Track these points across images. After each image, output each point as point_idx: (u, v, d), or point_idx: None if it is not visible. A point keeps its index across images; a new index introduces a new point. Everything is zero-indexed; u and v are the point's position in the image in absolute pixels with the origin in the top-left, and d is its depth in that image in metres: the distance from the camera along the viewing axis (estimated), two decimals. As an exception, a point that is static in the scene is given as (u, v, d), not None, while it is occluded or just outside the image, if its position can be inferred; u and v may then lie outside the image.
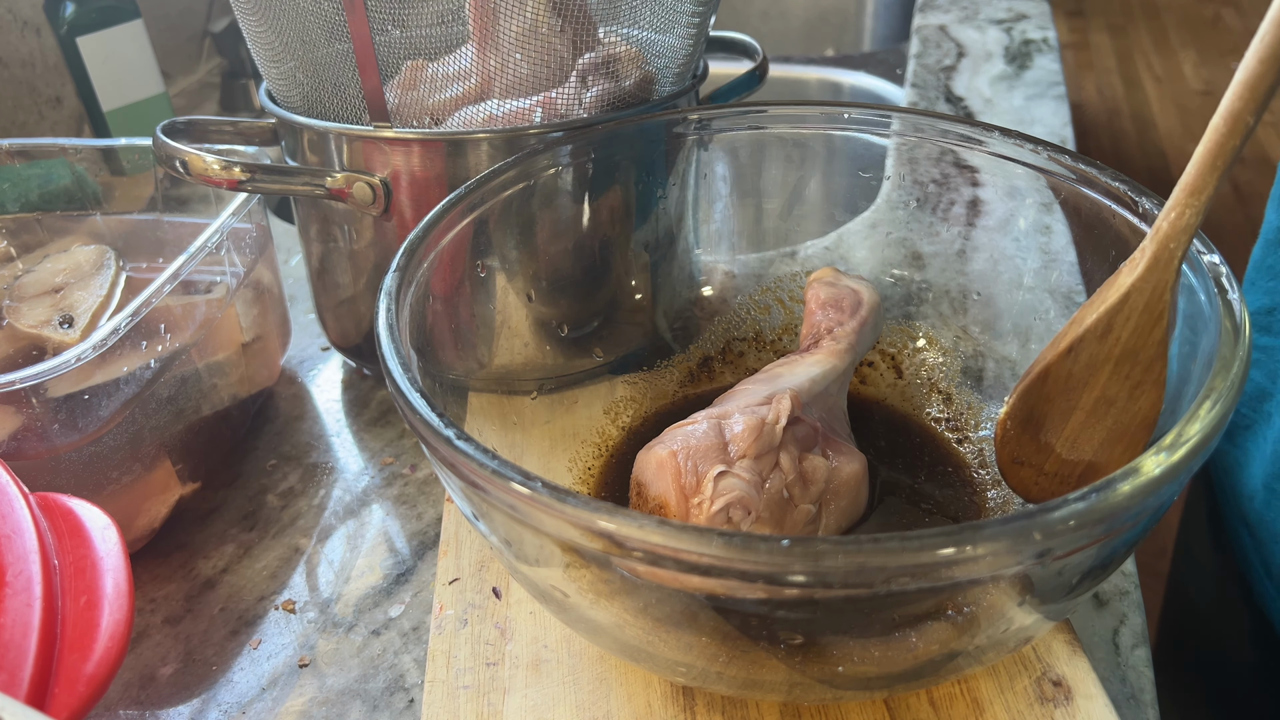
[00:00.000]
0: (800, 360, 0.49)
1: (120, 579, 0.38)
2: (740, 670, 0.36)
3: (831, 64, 1.16)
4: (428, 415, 0.33)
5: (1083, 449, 0.41)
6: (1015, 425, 0.42)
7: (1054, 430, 0.41)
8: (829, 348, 0.50)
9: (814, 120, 0.55)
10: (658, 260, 0.59)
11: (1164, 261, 0.36)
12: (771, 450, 0.42)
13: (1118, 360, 0.38)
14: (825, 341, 0.50)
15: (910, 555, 0.28)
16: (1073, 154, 0.47)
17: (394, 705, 0.44)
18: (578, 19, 0.53)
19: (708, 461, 0.41)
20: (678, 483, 0.40)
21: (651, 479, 0.42)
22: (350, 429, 0.61)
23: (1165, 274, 0.36)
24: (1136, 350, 0.38)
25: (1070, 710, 0.40)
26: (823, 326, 0.51)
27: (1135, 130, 2.83)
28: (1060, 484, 0.42)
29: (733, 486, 0.40)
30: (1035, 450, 0.42)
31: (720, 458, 0.41)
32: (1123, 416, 0.39)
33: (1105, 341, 0.38)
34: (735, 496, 0.40)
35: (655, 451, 0.42)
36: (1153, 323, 0.37)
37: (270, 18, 0.53)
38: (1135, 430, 0.39)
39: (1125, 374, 0.38)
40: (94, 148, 0.65)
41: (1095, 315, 0.38)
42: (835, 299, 0.52)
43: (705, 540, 0.28)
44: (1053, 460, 0.42)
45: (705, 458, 0.41)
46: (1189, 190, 0.34)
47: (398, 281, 0.41)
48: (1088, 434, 0.40)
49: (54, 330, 0.55)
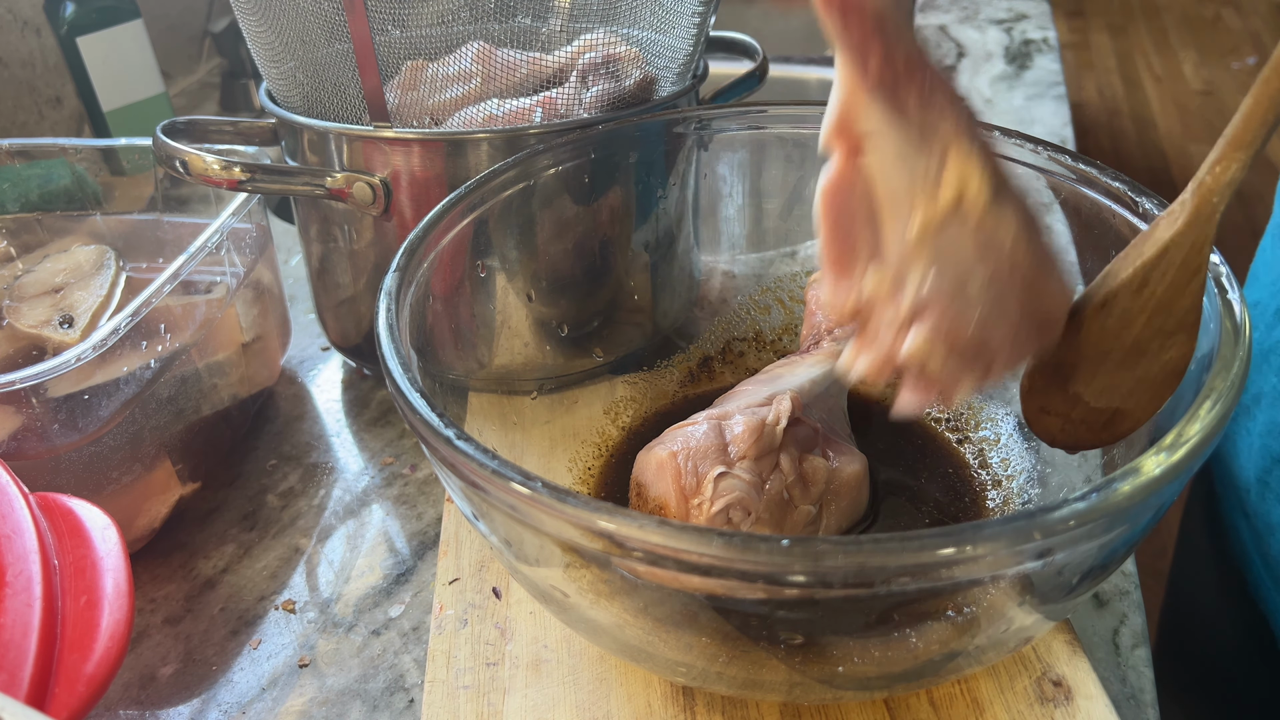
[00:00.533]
0: (800, 361, 0.49)
1: (120, 579, 0.38)
2: (741, 670, 0.36)
3: (831, 64, 1.16)
4: (428, 415, 0.33)
5: (1111, 397, 0.40)
6: (1044, 377, 0.42)
7: (1084, 381, 0.40)
8: (830, 349, 0.50)
9: (814, 120, 0.55)
10: (658, 260, 0.59)
11: (1205, 216, 0.35)
12: (772, 451, 0.42)
13: (1152, 312, 0.38)
14: (826, 343, 0.51)
15: (910, 555, 0.28)
16: (1073, 154, 0.47)
17: (394, 705, 0.44)
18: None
19: (708, 462, 0.41)
20: (678, 483, 0.40)
21: (652, 480, 0.42)
22: (350, 429, 0.61)
23: (1206, 228, 0.35)
24: (1171, 302, 0.37)
25: (1070, 710, 0.40)
26: (823, 328, 0.51)
27: (1135, 130, 2.83)
28: (1087, 430, 0.41)
29: (733, 488, 0.40)
30: (1063, 400, 0.41)
31: (720, 459, 0.41)
32: (1152, 366, 0.38)
33: (1140, 295, 0.38)
34: (735, 498, 0.40)
35: (655, 452, 0.42)
36: (1190, 276, 0.36)
37: (270, 18, 0.53)
38: (1165, 378, 0.38)
39: (1159, 325, 0.38)
40: (94, 148, 0.65)
41: (1131, 269, 0.37)
42: None
43: (705, 540, 0.28)
44: (1080, 408, 0.41)
45: (705, 458, 0.41)
46: (1234, 144, 0.34)
47: (398, 281, 0.41)
48: (1117, 382, 0.39)
49: (54, 330, 0.55)
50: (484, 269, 0.51)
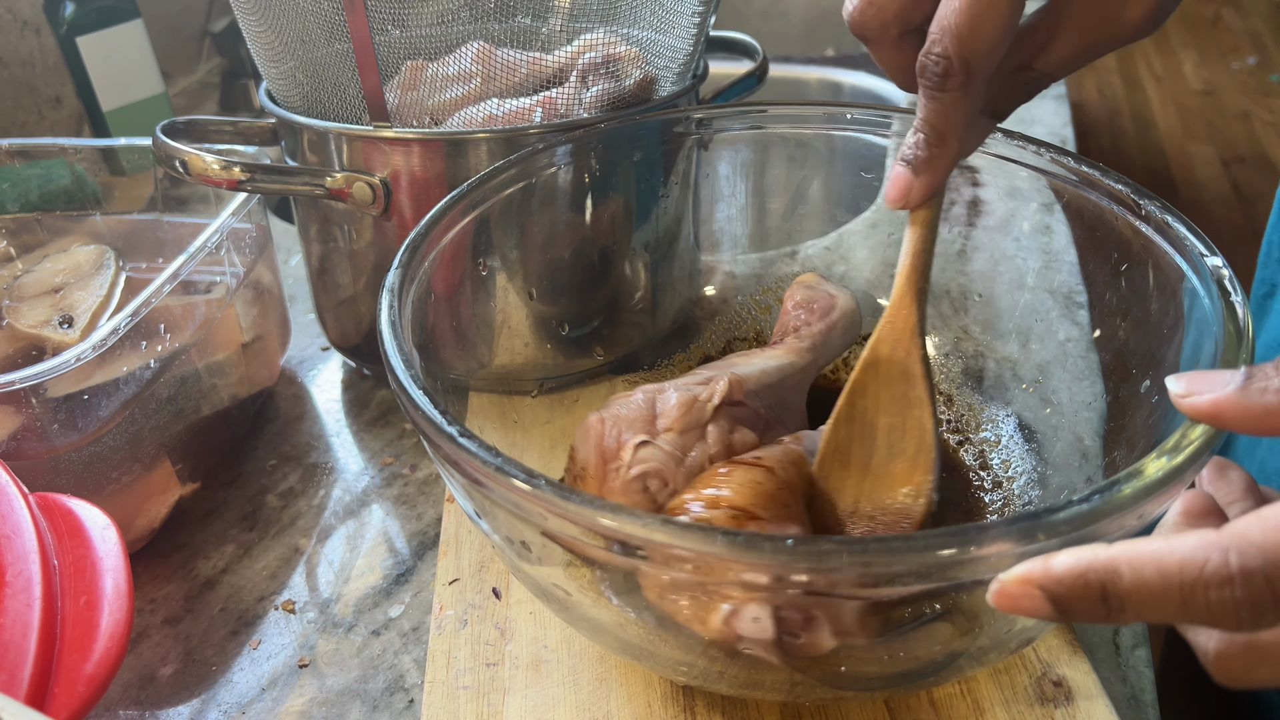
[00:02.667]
0: (759, 353, 0.50)
1: (120, 579, 0.38)
2: (741, 669, 0.36)
3: (831, 64, 1.16)
4: (431, 412, 0.33)
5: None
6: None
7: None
8: (790, 344, 0.51)
9: (815, 120, 0.55)
10: (658, 260, 0.59)
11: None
12: (699, 426, 0.42)
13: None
14: (789, 339, 0.51)
15: (915, 556, 0.28)
16: (1075, 156, 0.47)
17: (394, 705, 0.44)
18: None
19: (632, 430, 0.41)
20: (599, 447, 0.41)
21: (579, 443, 0.43)
22: (350, 429, 0.61)
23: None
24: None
25: (1070, 711, 0.40)
26: (790, 325, 0.52)
27: (1135, 130, 2.83)
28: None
29: (651, 456, 0.41)
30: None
31: (646, 429, 0.41)
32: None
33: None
34: (651, 467, 0.40)
35: (588, 417, 0.43)
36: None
37: (270, 18, 0.53)
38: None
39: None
40: (94, 148, 0.64)
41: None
42: (809, 301, 0.53)
43: (708, 539, 0.28)
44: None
45: (631, 427, 0.41)
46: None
47: (400, 278, 0.40)
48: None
49: (54, 330, 0.55)
50: (485, 268, 0.51)
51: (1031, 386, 0.52)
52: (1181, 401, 0.30)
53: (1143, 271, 0.43)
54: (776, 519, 0.38)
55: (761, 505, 0.38)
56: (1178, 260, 0.41)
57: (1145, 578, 0.25)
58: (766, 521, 0.38)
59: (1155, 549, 0.25)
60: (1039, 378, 0.52)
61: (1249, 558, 0.24)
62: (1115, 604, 0.25)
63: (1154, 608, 0.25)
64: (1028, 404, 0.52)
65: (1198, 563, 0.24)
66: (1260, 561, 0.24)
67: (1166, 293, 0.41)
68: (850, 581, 0.29)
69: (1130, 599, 0.25)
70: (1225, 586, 0.24)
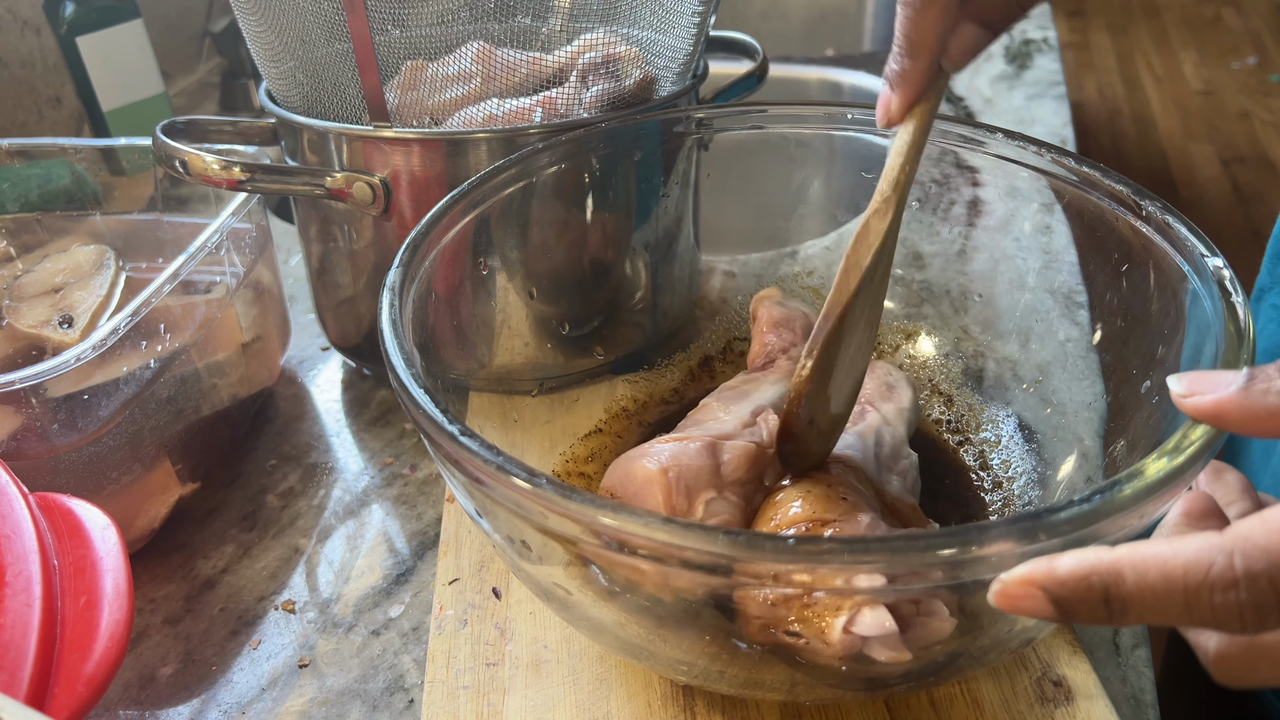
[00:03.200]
0: (763, 378, 0.50)
1: (120, 579, 0.38)
2: (742, 669, 0.36)
3: (831, 64, 1.16)
4: (432, 411, 0.33)
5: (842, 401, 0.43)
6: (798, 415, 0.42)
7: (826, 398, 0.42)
8: (785, 366, 0.51)
9: (815, 120, 0.55)
10: (658, 260, 0.59)
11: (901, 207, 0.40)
12: (760, 474, 0.43)
13: (873, 303, 0.41)
14: (781, 360, 0.52)
15: (917, 556, 0.28)
16: (1075, 156, 0.47)
17: (394, 705, 0.44)
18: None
19: (700, 483, 0.41)
20: (669, 502, 0.40)
21: (636, 492, 0.41)
22: (350, 429, 0.61)
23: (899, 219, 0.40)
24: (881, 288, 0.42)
25: (1070, 710, 0.40)
26: (776, 346, 0.53)
27: (1135, 130, 2.84)
28: (821, 443, 0.44)
29: (723, 511, 0.41)
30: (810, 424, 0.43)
31: (713, 481, 0.41)
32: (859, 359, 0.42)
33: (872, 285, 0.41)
34: (724, 520, 0.41)
35: (642, 465, 0.42)
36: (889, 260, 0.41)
37: (270, 17, 0.53)
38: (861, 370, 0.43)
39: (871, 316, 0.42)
40: (94, 148, 0.64)
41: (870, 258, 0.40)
42: (787, 319, 0.54)
43: (710, 538, 0.28)
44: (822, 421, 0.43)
45: (698, 480, 0.41)
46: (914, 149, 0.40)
47: (401, 277, 0.40)
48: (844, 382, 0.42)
49: (54, 330, 0.55)
50: (485, 267, 0.51)
51: (1032, 387, 0.52)
52: (1183, 402, 0.30)
53: (1143, 272, 0.43)
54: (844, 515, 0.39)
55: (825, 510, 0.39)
56: (1178, 261, 0.41)
57: (1149, 581, 0.25)
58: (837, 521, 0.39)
59: (1159, 552, 0.25)
60: (1039, 378, 0.52)
61: (1253, 561, 0.24)
62: (1118, 606, 0.25)
63: (1157, 610, 0.25)
64: (1028, 404, 0.52)
65: (1202, 566, 0.24)
66: (1264, 564, 0.24)
67: (1167, 293, 0.41)
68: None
69: (1133, 602, 0.25)
70: (1230, 590, 0.24)
